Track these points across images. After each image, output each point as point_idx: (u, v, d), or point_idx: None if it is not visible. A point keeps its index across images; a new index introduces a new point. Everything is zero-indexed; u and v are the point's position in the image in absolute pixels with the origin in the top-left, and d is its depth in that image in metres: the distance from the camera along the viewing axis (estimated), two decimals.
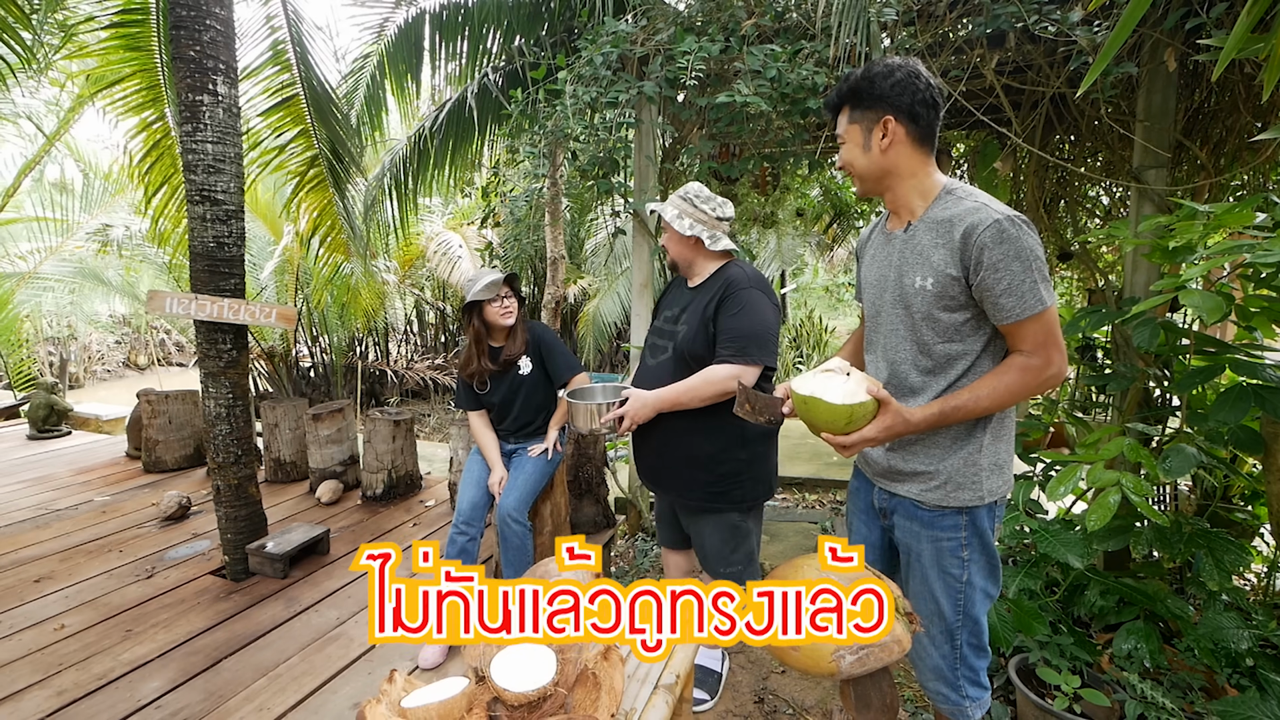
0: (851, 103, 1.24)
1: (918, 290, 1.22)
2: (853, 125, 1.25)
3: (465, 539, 2.22)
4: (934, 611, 1.34)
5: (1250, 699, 1.55)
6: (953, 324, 1.20)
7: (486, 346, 2.33)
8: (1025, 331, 1.15)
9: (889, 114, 1.20)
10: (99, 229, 7.23)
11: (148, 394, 4.15)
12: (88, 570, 2.78)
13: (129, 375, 13.66)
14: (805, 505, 4.07)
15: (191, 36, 2.36)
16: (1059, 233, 3.40)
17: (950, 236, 1.17)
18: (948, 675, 1.38)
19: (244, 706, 1.89)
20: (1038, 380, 1.16)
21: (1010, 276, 1.11)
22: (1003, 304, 1.13)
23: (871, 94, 1.20)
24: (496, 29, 4.06)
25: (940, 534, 1.29)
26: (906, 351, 1.27)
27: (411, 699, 1.08)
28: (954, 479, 1.26)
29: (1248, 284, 1.87)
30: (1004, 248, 1.11)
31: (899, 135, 1.21)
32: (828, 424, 1.19)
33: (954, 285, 1.17)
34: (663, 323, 1.90)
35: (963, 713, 1.39)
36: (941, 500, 1.27)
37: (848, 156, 1.28)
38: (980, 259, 1.12)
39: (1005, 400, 1.17)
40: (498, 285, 2.22)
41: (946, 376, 1.24)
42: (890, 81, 1.19)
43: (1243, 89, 2.27)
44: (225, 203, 2.51)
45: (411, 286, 8.96)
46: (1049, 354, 1.15)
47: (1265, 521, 2.09)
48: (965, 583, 1.30)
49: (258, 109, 4.10)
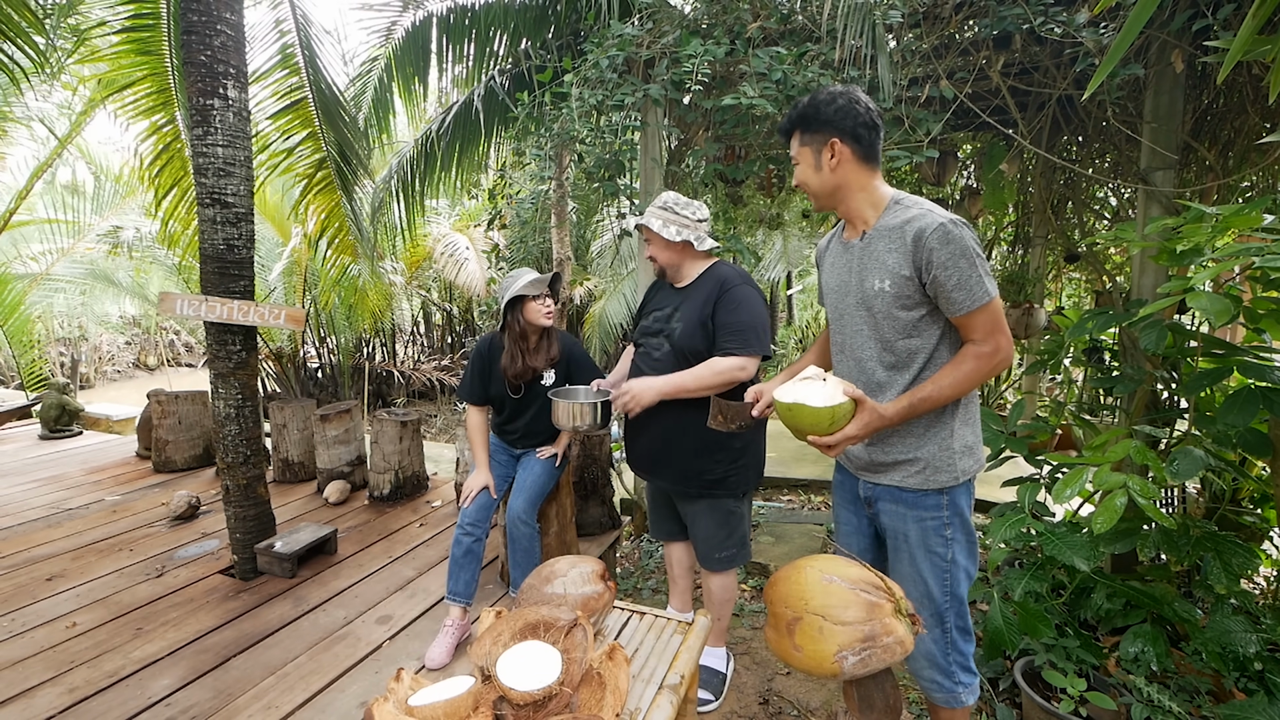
0: (801, 127, 1.38)
1: (877, 292, 1.34)
2: (804, 148, 1.38)
3: (471, 540, 2.23)
4: (923, 594, 1.42)
5: (1258, 703, 1.54)
6: (910, 320, 1.33)
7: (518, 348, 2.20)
8: (975, 321, 1.27)
9: (834, 136, 1.34)
10: (110, 231, 7.32)
11: (158, 394, 4.19)
12: (99, 569, 2.81)
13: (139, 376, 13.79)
14: (811, 507, 4.06)
15: (203, 41, 2.39)
16: (1066, 234, 3.39)
17: (902, 241, 1.30)
18: (940, 662, 1.43)
19: (252, 705, 1.91)
20: (989, 365, 1.29)
21: (959, 273, 1.24)
22: (955, 298, 1.26)
23: (817, 119, 1.34)
24: (503, 32, 4.08)
25: (924, 514, 1.39)
26: (871, 349, 1.39)
27: (418, 697, 1.10)
28: (932, 463, 1.37)
29: (1256, 286, 1.86)
30: (950, 248, 1.24)
31: (845, 155, 1.34)
32: (812, 427, 1.26)
33: (908, 285, 1.30)
34: (652, 323, 1.96)
35: (957, 699, 1.44)
36: (923, 484, 1.38)
37: (802, 176, 1.41)
38: (930, 259, 1.25)
39: (965, 386, 1.30)
40: (543, 282, 2.16)
41: (910, 369, 1.36)
42: (833, 108, 1.33)
43: (1250, 90, 2.26)
44: (235, 205, 2.54)
45: (418, 288, 9.01)
46: (997, 341, 1.28)
47: (1274, 525, 2.07)
48: (950, 561, 1.40)
49: (267, 112, 4.14)
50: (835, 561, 1.23)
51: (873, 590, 1.16)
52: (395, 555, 2.96)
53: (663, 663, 1.38)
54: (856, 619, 1.11)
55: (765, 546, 3.14)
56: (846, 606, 1.13)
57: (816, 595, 1.16)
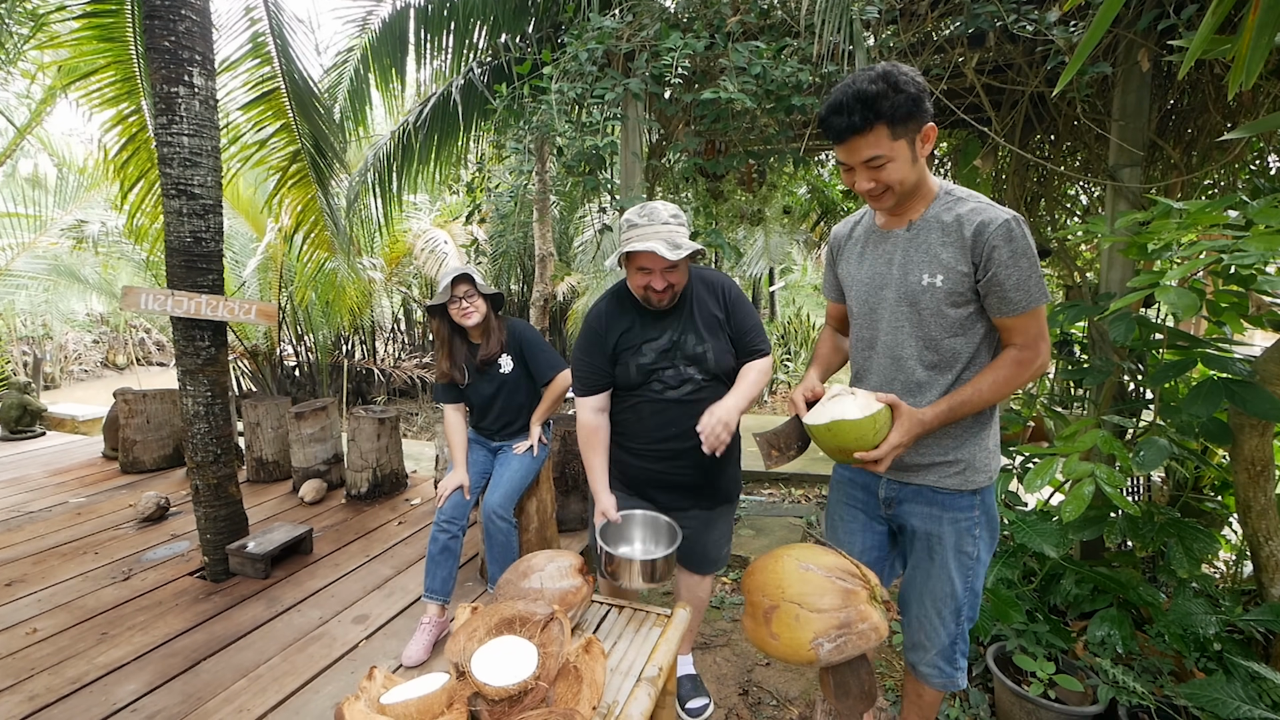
0: (892, 121, 1.14)
1: (926, 287, 1.25)
2: (899, 142, 1.17)
3: (447, 536, 2.21)
4: (949, 592, 1.38)
5: (1217, 681, 1.59)
6: (959, 319, 1.26)
7: (452, 348, 2.29)
8: (1024, 324, 1.22)
9: (928, 121, 1.18)
10: (74, 225, 7.07)
11: (124, 393, 4.08)
12: (62, 573, 2.72)
13: (108, 375, 13.39)
14: (791, 500, 4.10)
15: (166, 26, 2.32)
16: (1039, 230, 3.45)
17: (960, 235, 1.21)
18: (948, 652, 1.43)
19: (223, 708, 1.87)
20: (1029, 372, 1.23)
21: (1019, 272, 1.18)
22: (1012, 298, 1.19)
23: (912, 105, 1.14)
24: (482, 24, 4.03)
25: (959, 514, 1.34)
26: (912, 347, 1.31)
27: (391, 695, 1.08)
28: (972, 464, 1.32)
29: (1218, 280, 1.92)
30: (1013, 245, 1.17)
31: (933, 140, 1.20)
32: (857, 441, 1.20)
33: (963, 281, 1.22)
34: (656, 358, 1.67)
35: (955, 683, 1.45)
36: (961, 485, 1.33)
37: (898, 175, 1.19)
38: (992, 256, 1.18)
39: (1003, 392, 1.24)
40: (449, 289, 2.17)
41: (951, 370, 1.29)
42: (915, 88, 1.14)
43: (1212, 90, 2.32)
44: (202, 197, 2.47)
45: (399, 284, 8.88)
46: (1039, 346, 1.23)
47: (1233, 511, 2.14)
48: (976, 559, 1.37)
49: (238, 102, 4.03)
50: (812, 550, 1.24)
51: (848, 577, 1.17)
52: (373, 554, 2.92)
53: (641, 655, 1.38)
54: (832, 606, 1.12)
55: (746, 539, 3.16)
56: (822, 594, 1.14)
57: (793, 583, 1.16)
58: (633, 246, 1.53)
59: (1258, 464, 1.77)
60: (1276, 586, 1.78)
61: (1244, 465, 1.79)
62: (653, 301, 1.62)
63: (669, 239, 1.51)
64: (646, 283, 1.59)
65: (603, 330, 1.70)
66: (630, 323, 1.69)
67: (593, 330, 1.71)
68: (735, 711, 2.03)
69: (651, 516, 1.64)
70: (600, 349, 1.70)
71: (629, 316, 1.70)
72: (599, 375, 1.71)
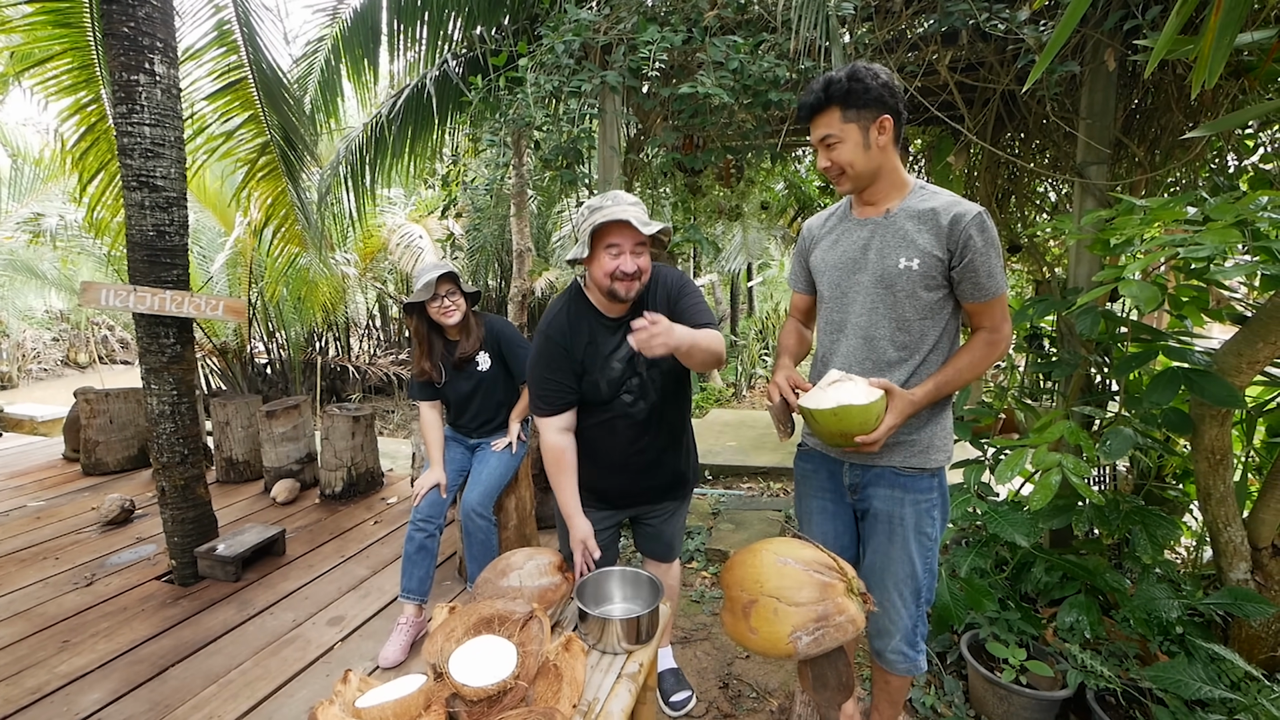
0: (844, 104, 1.28)
1: (902, 270, 1.33)
2: (849, 124, 1.30)
3: (424, 535, 2.18)
4: (909, 573, 1.43)
5: (1179, 664, 1.65)
6: (931, 301, 1.34)
7: (430, 346, 2.26)
8: (992, 308, 1.33)
9: (885, 113, 1.29)
10: (30, 218, 6.79)
11: (86, 392, 3.93)
12: (20, 580, 2.62)
13: (69, 374, 12.91)
14: (770, 494, 4.13)
15: (125, 12, 2.23)
16: (1009, 226, 3.52)
17: (936, 223, 1.31)
18: (910, 635, 1.47)
19: (192, 715, 1.82)
20: (997, 352, 1.35)
21: (990, 261, 1.29)
22: (984, 284, 1.30)
23: (867, 95, 1.27)
24: (457, 14, 3.95)
25: (919, 495, 1.41)
26: (885, 328, 1.38)
27: (367, 699, 1.06)
28: (932, 444, 1.40)
29: (1179, 275, 1.98)
30: (985, 235, 1.29)
31: (890, 133, 1.31)
32: (860, 425, 1.27)
33: (938, 266, 1.31)
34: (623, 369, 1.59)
35: (917, 666, 1.50)
36: (922, 464, 1.40)
37: (847, 156, 1.32)
38: (968, 244, 1.28)
39: (978, 372, 1.34)
40: (431, 286, 2.13)
41: (920, 352, 1.37)
42: (879, 83, 1.27)
43: (1175, 89, 2.38)
44: (165, 189, 2.38)
45: (373, 280, 8.71)
46: (1004, 329, 1.34)
47: (1194, 498, 2.21)
48: (934, 540, 1.44)
49: (203, 92, 3.90)
50: (790, 544, 1.25)
51: (825, 571, 1.18)
52: (348, 554, 2.87)
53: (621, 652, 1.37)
54: (810, 599, 1.13)
55: (725, 533, 3.18)
56: (800, 588, 1.14)
57: (771, 578, 1.17)
58: (604, 217, 1.44)
59: (1217, 453, 1.83)
60: (1235, 571, 1.85)
61: (1204, 454, 1.85)
62: (619, 293, 1.49)
63: (637, 216, 1.45)
64: (615, 267, 1.47)
65: (566, 344, 1.57)
66: (590, 335, 1.58)
67: (554, 344, 1.57)
68: (716, 705, 2.04)
69: (633, 573, 1.51)
70: (565, 364, 1.57)
71: (586, 328, 1.59)
72: (564, 392, 1.58)
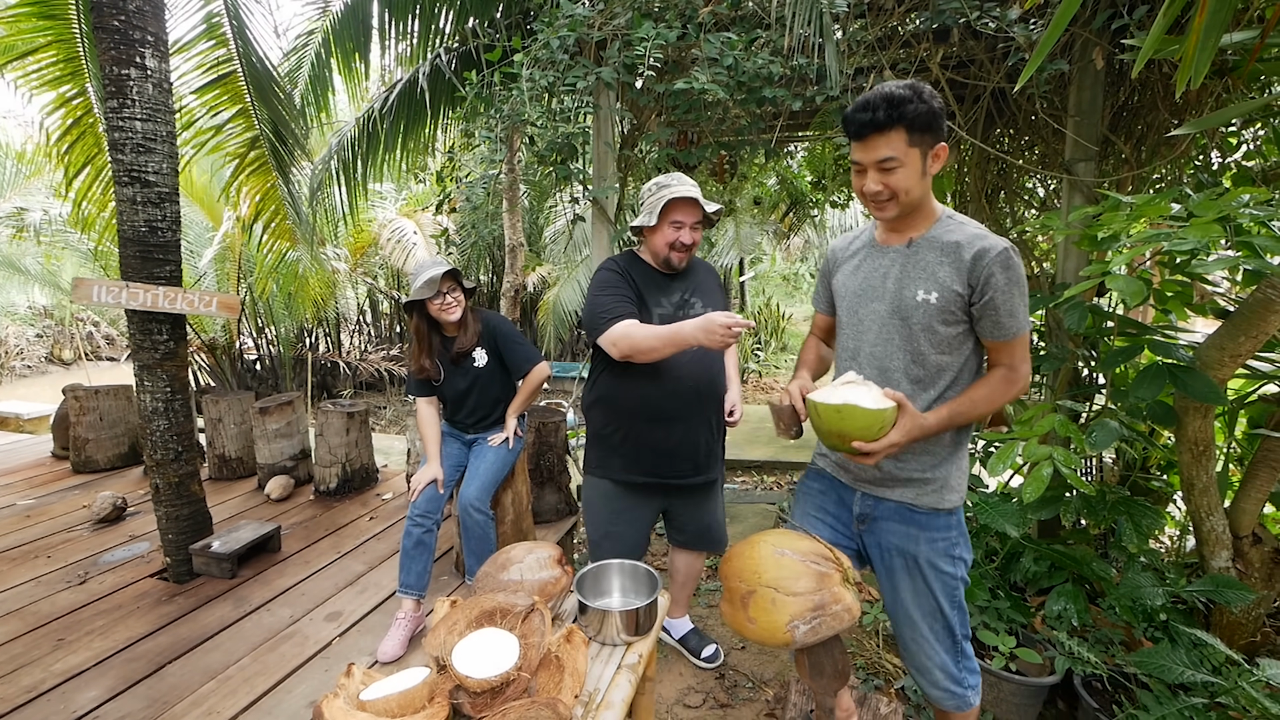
0: (911, 126, 1.19)
1: (920, 303, 1.29)
2: (913, 149, 1.22)
3: (421, 530, 2.18)
4: (933, 609, 1.38)
5: (1163, 649, 1.70)
6: (948, 336, 1.29)
7: (430, 343, 2.26)
8: (1012, 347, 1.28)
9: (942, 140, 1.24)
10: (13, 213, 6.69)
11: (75, 389, 3.89)
12: (11, 579, 2.60)
13: (53, 371, 12.73)
14: (764, 487, 4.17)
15: (115, 5, 2.20)
16: (999, 222, 3.56)
17: (959, 257, 1.26)
18: (954, 672, 1.41)
19: (191, 712, 1.82)
20: (1014, 390, 1.29)
21: (1012, 301, 1.24)
22: (1004, 323, 1.25)
23: (933, 119, 1.20)
24: (449, 8, 3.93)
25: (936, 534, 1.36)
26: (899, 360, 1.33)
27: (370, 691, 1.07)
28: (947, 484, 1.35)
29: (1164, 270, 2.02)
30: (1010, 274, 1.23)
31: (941, 162, 1.26)
32: (862, 430, 1.19)
33: (957, 301, 1.27)
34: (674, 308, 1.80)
35: (967, 702, 1.43)
36: (936, 504, 1.35)
37: (905, 183, 1.23)
38: (989, 281, 1.23)
39: (993, 406, 1.29)
40: (436, 283, 2.13)
41: (936, 387, 1.32)
42: (938, 105, 1.21)
43: (1161, 88, 2.42)
44: (158, 184, 2.36)
45: (364, 275, 8.65)
46: (1024, 368, 1.29)
47: (1177, 489, 2.27)
48: (958, 578, 1.39)
49: (192, 86, 3.85)
50: (787, 535, 1.27)
51: (822, 561, 1.20)
52: (344, 550, 2.87)
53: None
54: (807, 589, 1.16)
55: None
56: (797, 578, 1.17)
57: (769, 568, 1.19)
58: (676, 193, 1.68)
59: (1200, 444, 1.88)
60: (1216, 559, 1.90)
61: (1187, 446, 1.89)
62: (673, 262, 1.77)
63: (701, 197, 1.70)
64: (676, 238, 1.73)
65: (625, 277, 1.79)
66: (645, 282, 1.81)
67: (614, 275, 1.79)
68: (713, 695, 2.07)
69: (631, 565, 1.50)
70: (624, 285, 1.77)
71: (640, 277, 1.81)
72: (626, 302, 1.73)
